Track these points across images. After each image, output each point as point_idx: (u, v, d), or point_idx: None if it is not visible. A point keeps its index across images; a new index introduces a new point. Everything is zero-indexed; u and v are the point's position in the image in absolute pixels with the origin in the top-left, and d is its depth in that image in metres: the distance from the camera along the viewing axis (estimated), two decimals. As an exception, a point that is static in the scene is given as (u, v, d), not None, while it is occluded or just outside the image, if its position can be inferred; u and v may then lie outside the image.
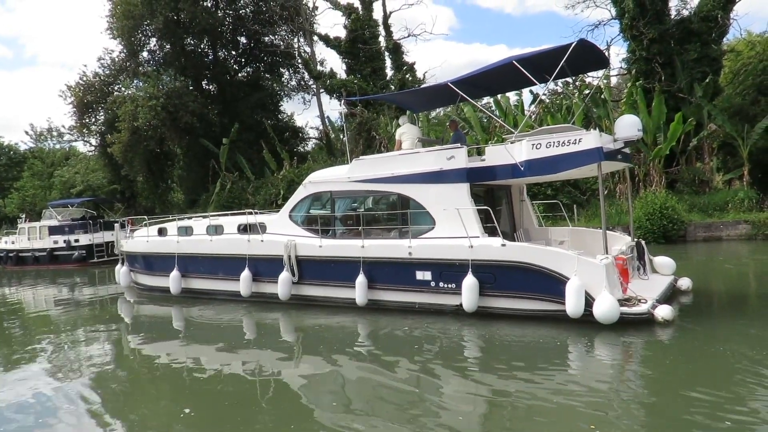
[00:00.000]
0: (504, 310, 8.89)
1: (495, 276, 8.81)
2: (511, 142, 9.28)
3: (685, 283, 10.15)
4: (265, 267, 11.46)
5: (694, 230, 19.47)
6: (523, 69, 9.22)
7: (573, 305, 7.84)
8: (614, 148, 8.96)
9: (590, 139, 8.39)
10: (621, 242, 10.23)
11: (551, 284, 8.25)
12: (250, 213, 12.50)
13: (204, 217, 13.95)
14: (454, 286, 9.15)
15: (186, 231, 13.34)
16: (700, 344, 7.06)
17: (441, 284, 9.37)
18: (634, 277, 9.73)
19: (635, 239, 10.42)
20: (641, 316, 7.81)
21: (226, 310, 11.48)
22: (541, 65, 9.58)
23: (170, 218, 14.28)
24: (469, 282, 8.79)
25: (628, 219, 19.61)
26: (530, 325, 8.38)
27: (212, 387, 6.58)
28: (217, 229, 12.78)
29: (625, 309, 7.82)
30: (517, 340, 7.84)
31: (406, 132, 11.10)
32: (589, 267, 7.96)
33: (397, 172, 10.13)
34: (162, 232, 13.91)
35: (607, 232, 11.42)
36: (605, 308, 7.59)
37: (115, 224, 15.32)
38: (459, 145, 9.80)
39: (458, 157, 9.50)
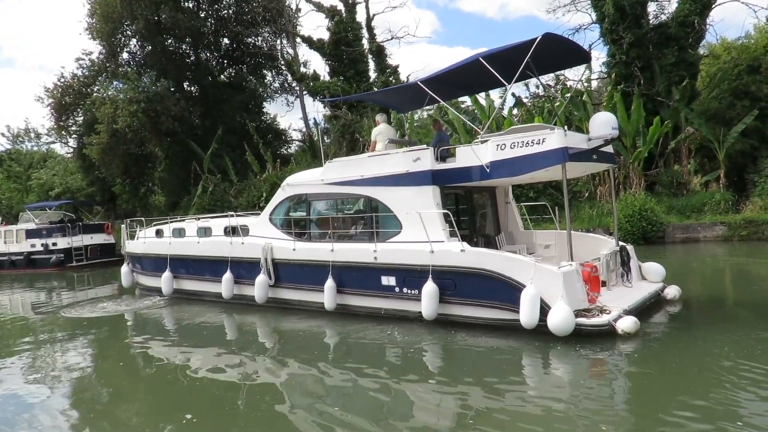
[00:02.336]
0: (464, 318, 8.48)
1: (455, 282, 8.43)
2: (481, 142, 8.88)
3: (671, 291, 9.44)
4: (245, 269, 11.41)
5: (673, 232, 19.65)
6: (490, 66, 8.82)
7: (527, 315, 7.36)
8: (585, 148, 8.45)
9: (554, 139, 7.90)
10: (607, 246, 9.69)
11: (509, 292, 7.81)
12: (231, 215, 12.53)
13: (197, 219, 14.10)
14: (416, 292, 8.77)
15: (179, 233, 13.38)
16: (660, 358, 6.59)
17: (405, 290, 9.09)
18: (617, 284, 9.27)
19: (620, 244, 9.83)
20: (600, 328, 7.22)
21: (205, 312, 11.40)
22: (509, 62, 9.03)
23: (175, 219, 14.52)
24: (429, 288, 8.40)
25: (609, 221, 20.06)
26: (490, 335, 7.94)
27: (209, 392, 6.47)
28: (206, 231, 12.81)
29: (582, 320, 7.26)
30: (475, 354, 7.40)
31: (381, 132, 10.86)
32: (546, 274, 7.50)
33: (366, 175, 9.91)
34: (159, 233, 13.98)
35: (593, 235, 11.29)
36: (559, 319, 7.11)
37: (122, 225, 15.70)
38: (425, 146, 9.56)
39: (424, 159, 9.22)
